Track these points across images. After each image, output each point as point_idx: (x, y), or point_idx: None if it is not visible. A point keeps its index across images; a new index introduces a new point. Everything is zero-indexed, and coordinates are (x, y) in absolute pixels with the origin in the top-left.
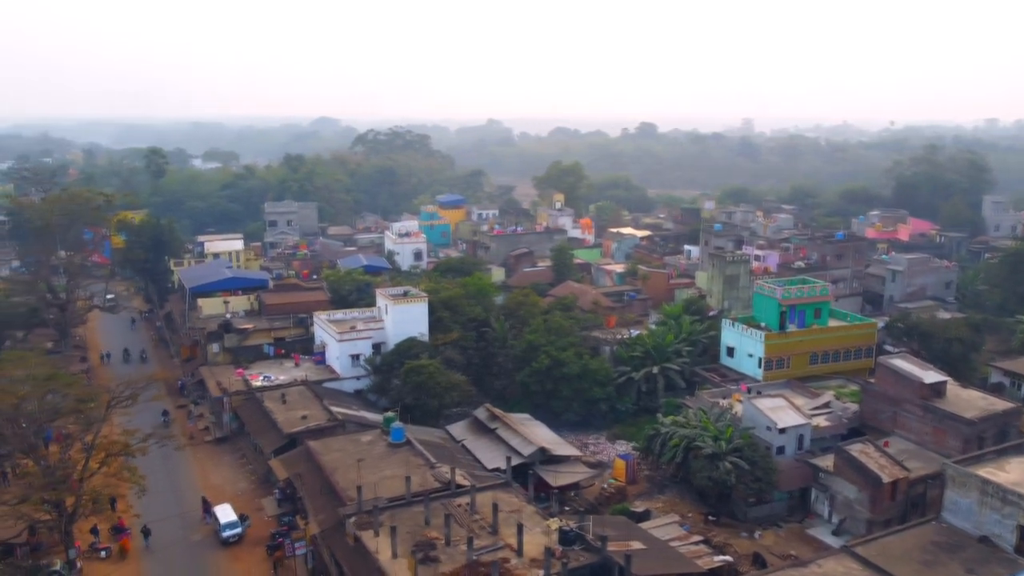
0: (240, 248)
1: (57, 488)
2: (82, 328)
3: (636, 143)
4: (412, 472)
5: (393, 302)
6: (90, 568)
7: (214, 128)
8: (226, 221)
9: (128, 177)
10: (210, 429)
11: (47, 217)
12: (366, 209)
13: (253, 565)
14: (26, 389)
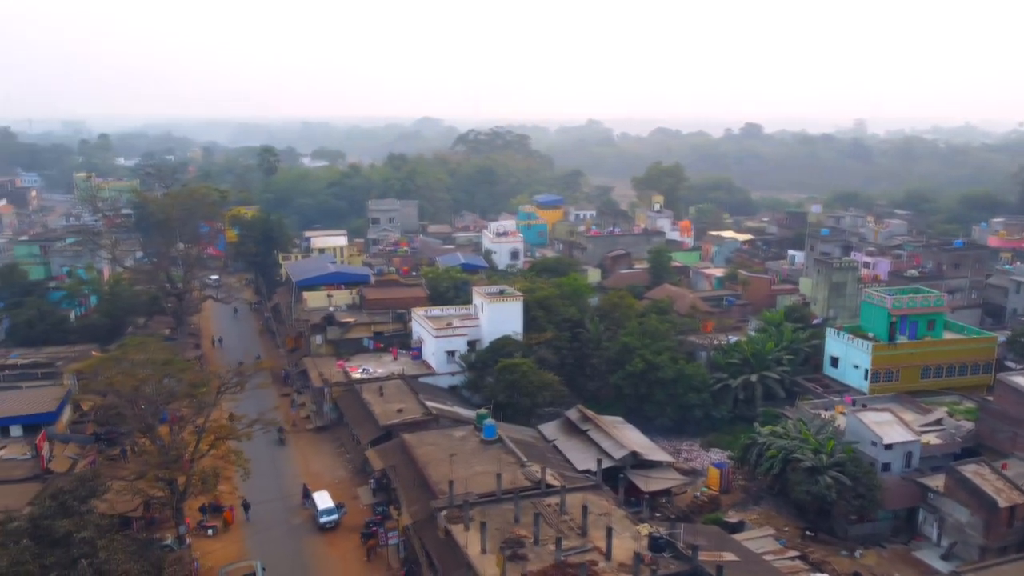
0: (344, 244)
1: (170, 467)
2: (196, 317)
3: (740, 144)
4: (503, 469)
5: (489, 300)
6: (198, 544)
7: (323, 128)
8: (332, 217)
9: (242, 174)
10: (311, 418)
11: (168, 211)
12: (465, 208)
13: (348, 551)
14: (146, 373)
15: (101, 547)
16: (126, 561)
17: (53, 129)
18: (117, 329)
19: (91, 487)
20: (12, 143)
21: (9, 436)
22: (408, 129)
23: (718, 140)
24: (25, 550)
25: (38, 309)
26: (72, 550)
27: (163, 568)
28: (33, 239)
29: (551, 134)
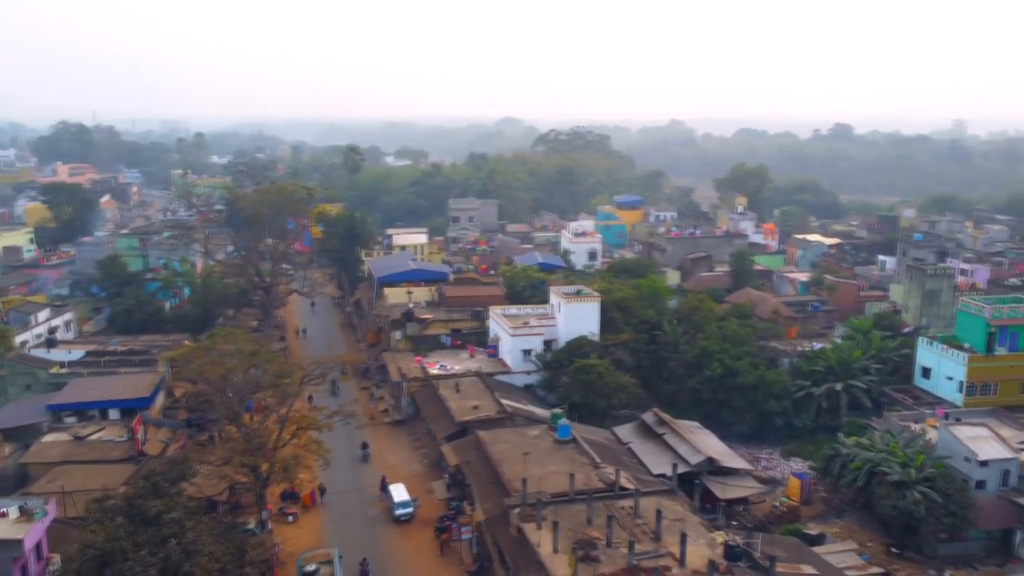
0: (424, 242)
1: (255, 454)
2: (282, 310)
3: (829, 145)
4: (576, 470)
5: (566, 300)
6: (278, 530)
7: (406, 127)
8: (413, 215)
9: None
10: (389, 411)
11: (258, 208)
12: (544, 208)
13: (422, 544)
14: (233, 362)
15: (189, 528)
16: (212, 542)
17: (153, 129)
18: (208, 320)
19: (181, 470)
20: (116, 142)
21: (108, 419)
22: (489, 129)
23: (806, 141)
24: (120, 527)
25: (136, 299)
26: (162, 529)
27: (246, 551)
28: (133, 232)
29: (632, 134)
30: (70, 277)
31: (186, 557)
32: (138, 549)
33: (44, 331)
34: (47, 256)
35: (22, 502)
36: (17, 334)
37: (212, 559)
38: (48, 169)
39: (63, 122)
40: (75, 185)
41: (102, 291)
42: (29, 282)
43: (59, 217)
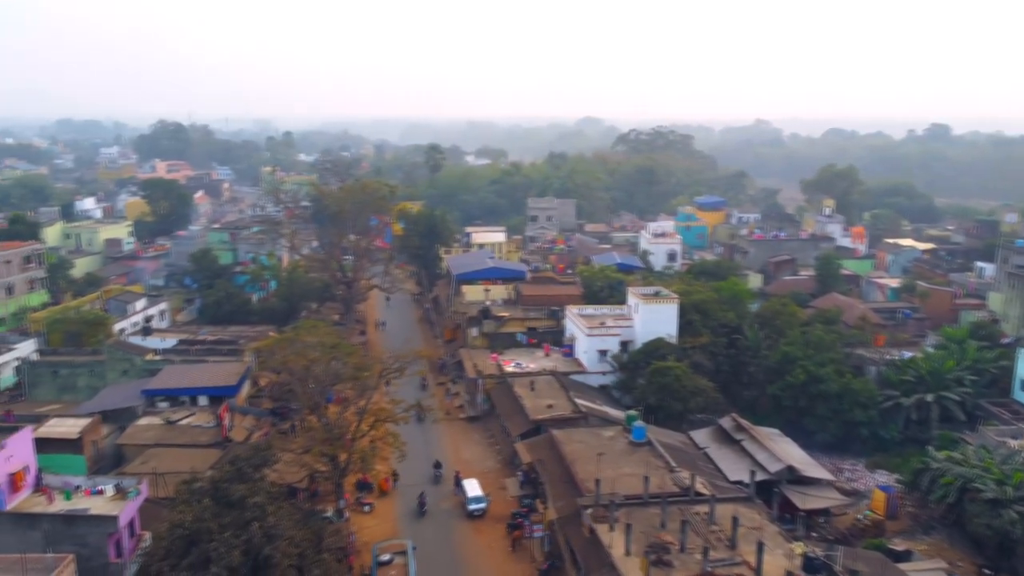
0: (503, 240)
1: (334, 444)
2: (363, 305)
3: (924, 146)
4: (651, 473)
5: (644, 301)
6: (355, 519)
7: (487, 127)
8: (492, 214)
9: (410, 171)
10: (464, 407)
11: (342, 204)
12: (623, 208)
13: (493, 540)
14: (316, 354)
15: (270, 512)
16: (291, 528)
17: (245, 128)
18: (292, 312)
19: (264, 457)
20: (210, 140)
21: (197, 405)
22: (570, 128)
23: (899, 142)
24: (206, 508)
25: (226, 291)
26: (245, 513)
27: (323, 538)
28: (224, 227)
29: (716, 134)
30: (165, 269)
31: (267, 540)
32: (223, 530)
33: (140, 319)
34: (145, 248)
35: (118, 481)
36: (116, 322)
37: (292, 544)
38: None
39: (162, 121)
40: (172, 181)
41: (194, 283)
42: (128, 273)
43: (156, 211)
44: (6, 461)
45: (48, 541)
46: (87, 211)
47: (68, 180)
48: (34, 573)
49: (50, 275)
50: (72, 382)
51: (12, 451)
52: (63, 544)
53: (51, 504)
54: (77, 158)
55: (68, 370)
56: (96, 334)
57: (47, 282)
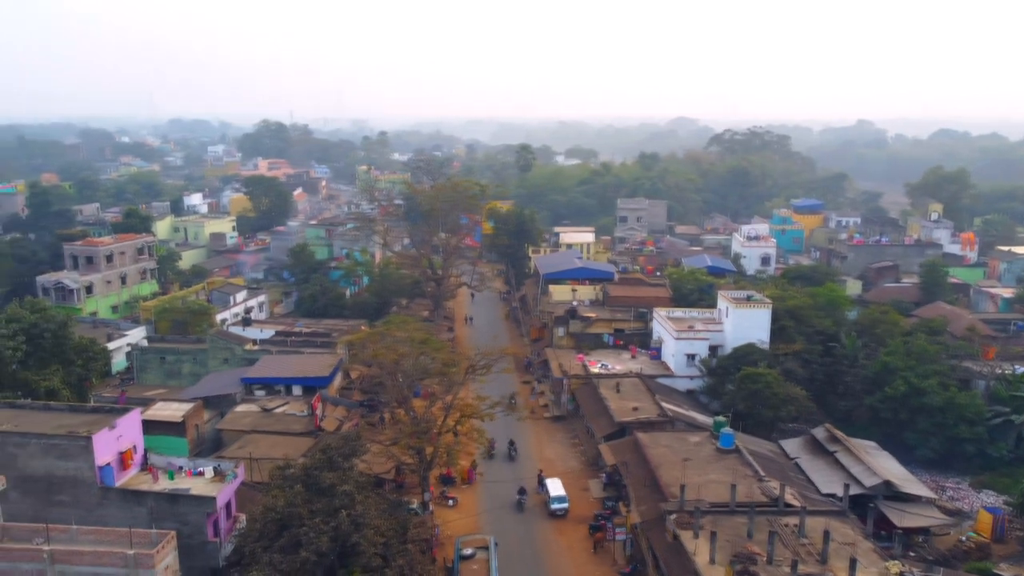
0: (591, 240)
1: (420, 437)
2: (451, 302)
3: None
4: (738, 481)
5: (735, 305)
6: (439, 513)
7: (578, 127)
8: (581, 214)
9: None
10: (549, 407)
11: (433, 203)
12: (715, 210)
13: (575, 541)
14: (405, 349)
15: (358, 501)
16: (378, 517)
17: (342, 127)
18: (383, 308)
19: (353, 447)
20: (309, 139)
21: (291, 394)
22: (662, 129)
23: (1016, 143)
24: (298, 494)
25: (321, 285)
26: (335, 500)
27: (408, 529)
28: (320, 224)
29: (814, 135)
30: (265, 263)
31: (355, 528)
32: (313, 516)
33: (241, 311)
34: (246, 243)
35: (216, 464)
36: (219, 312)
37: (378, 533)
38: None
39: (265, 121)
40: (273, 179)
41: (291, 277)
42: (230, 266)
43: (258, 207)
44: (116, 440)
45: (152, 517)
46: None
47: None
48: (139, 547)
49: (160, 266)
50: (177, 368)
51: (122, 431)
52: (166, 521)
53: (156, 483)
54: (186, 156)
55: (174, 357)
56: (200, 323)
57: (157, 273)
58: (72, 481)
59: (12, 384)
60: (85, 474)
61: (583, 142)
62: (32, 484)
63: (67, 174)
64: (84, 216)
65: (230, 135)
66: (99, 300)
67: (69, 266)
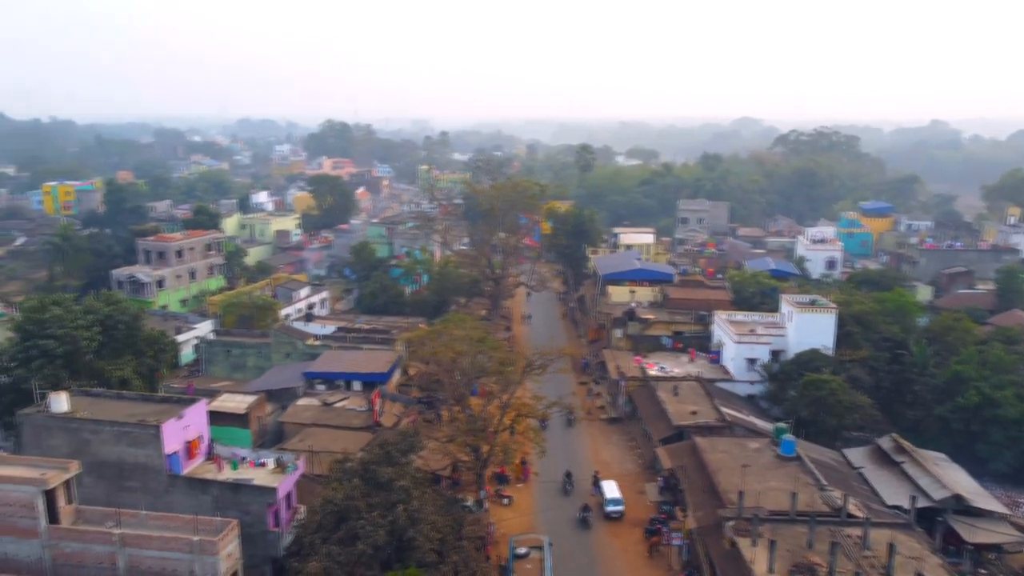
0: (651, 242)
1: (477, 436)
2: (509, 301)
3: None
4: (799, 489)
5: (798, 309)
6: (494, 511)
7: (639, 127)
8: (641, 215)
9: (560, 171)
10: (606, 408)
11: (493, 202)
12: (780, 212)
13: (630, 544)
14: (463, 347)
15: (415, 497)
16: (434, 513)
17: (404, 127)
18: (442, 306)
19: (411, 443)
20: (372, 139)
21: (351, 389)
22: (725, 129)
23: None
24: (356, 488)
25: (381, 283)
26: (392, 495)
27: (463, 526)
28: (382, 222)
29: (885, 135)
30: (328, 260)
31: (411, 523)
32: (370, 510)
33: (304, 306)
34: (310, 240)
35: (278, 456)
36: (282, 307)
37: (434, 528)
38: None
39: (329, 121)
40: (336, 177)
41: (353, 274)
42: (294, 262)
43: (321, 205)
44: (184, 430)
45: (216, 505)
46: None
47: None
48: (204, 534)
49: (227, 262)
50: (242, 361)
51: (189, 421)
52: (229, 510)
53: (220, 472)
54: (254, 155)
55: (239, 350)
56: (265, 318)
57: (224, 268)
58: (142, 468)
59: (88, 373)
60: (154, 461)
61: (644, 142)
62: (105, 469)
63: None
64: (157, 212)
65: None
66: (169, 294)
67: (142, 260)
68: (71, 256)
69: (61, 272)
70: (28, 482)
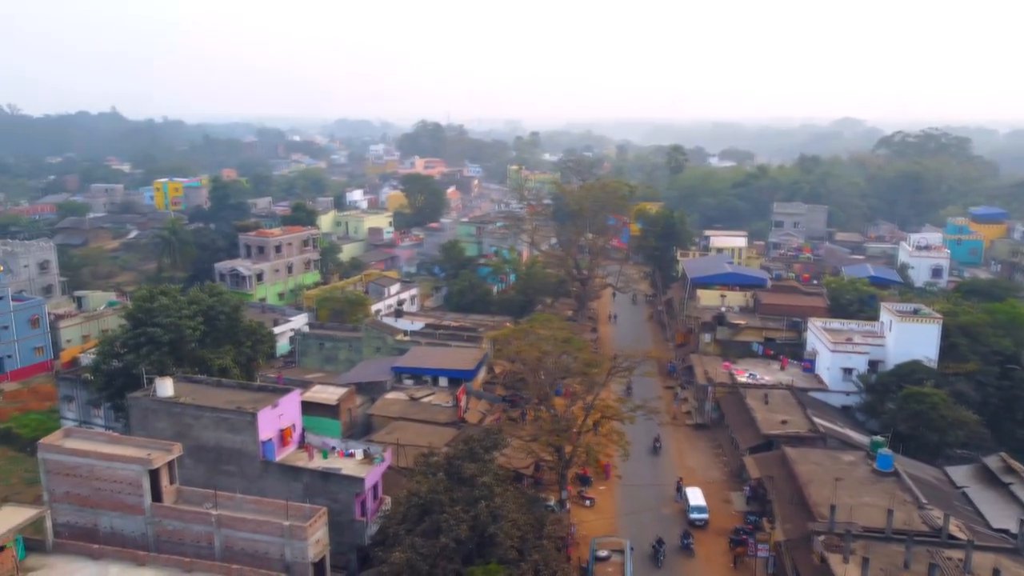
0: (743, 245)
1: (560, 436)
2: (595, 302)
3: None
4: (896, 506)
5: (899, 319)
6: (575, 512)
7: (734, 128)
8: (733, 218)
9: (650, 172)
10: (692, 414)
11: (581, 203)
12: (881, 216)
13: (714, 553)
14: (548, 347)
15: (497, 493)
16: (515, 511)
17: (495, 127)
18: (528, 305)
19: (494, 440)
20: (464, 139)
21: (437, 385)
22: (825, 130)
23: None
24: (440, 482)
25: (469, 281)
26: (475, 491)
27: (544, 525)
28: (471, 221)
29: (999, 137)
30: (418, 257)
31: (492, 520)
32: (453, 504)
33: (394, 302)
34: (401, 238)
35: (366, 447)
36: (374, 303)
37: (515, 526)
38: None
39: (423, 121)
40: (428, 177)
41: (442, 272)
42: (386, 259)
43: (413, 204)
44: (278, 418)
45: (306, 492)
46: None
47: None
48: (294, 519)
49: (322, 258)
50: (334, 354)
51: (283, 410)
52: (318, 497)
53: (311, 460)
54: (350, 154)
55: (332, 343)
56: (356, 313)
57: (319, 263)
58: (238, 453)
59: (191, 360)
60: (249, 447)
61: (739, 143)
62: (204, 453)
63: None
64: (258, 209)
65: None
66: (268, 287)
67: (243, 255)
68: (178, 249)
69: (169, 264)
70: (135, 461)
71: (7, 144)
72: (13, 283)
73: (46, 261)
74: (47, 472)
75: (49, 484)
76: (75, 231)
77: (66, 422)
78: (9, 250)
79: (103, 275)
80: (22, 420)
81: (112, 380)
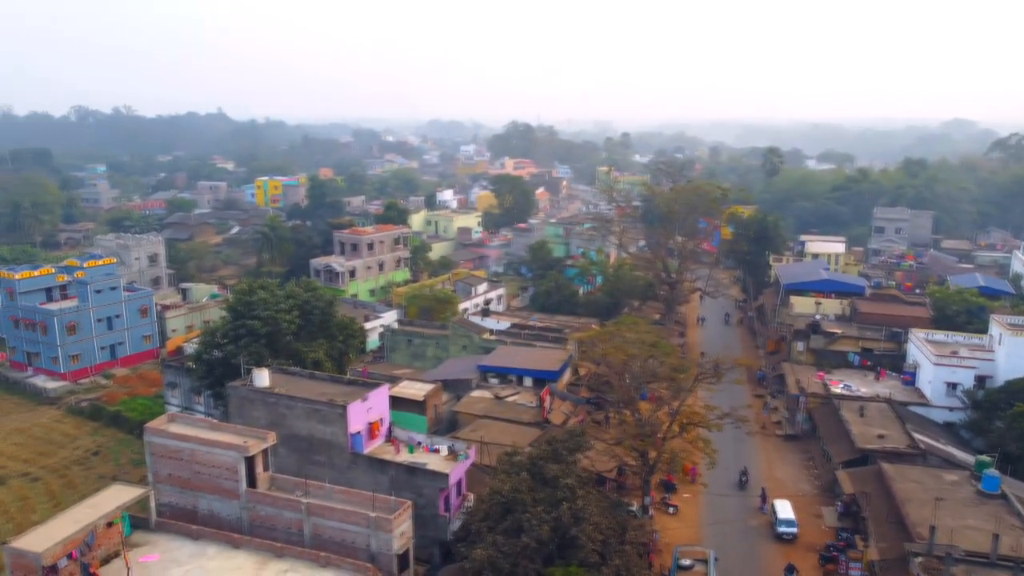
0: (841, 251)
1: (644, 440)
2: (684, 306)
3: None
4: (1002, 531)
5: (1012, 332)
6: (659, 519)
7: (833, 129)
8: (830, 223)
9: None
10: (782, 424)
11: (672, 205)
12: (993, 224)
13: (803, 570)
14: (635, 350)
15: (579, 496)
16: (597, 514)
17: (586, 128)
18: (615, 308)
19: (578, 442)
20: (554, 140)
21: (522, 385)
22: (932, 132)
23: None
24: (523, 482)
25: (555, 282)
26: (557, 492)
27: (627, 530)
28: (560, 222)
29: None
30: (506, 257)
31: (574, 521)
32: (536, 504)
33: (481, 302)
34: (490, 237)
35: (451, 443)
36: (461, 302)
37: (597, 529)
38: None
39: (514, 122)
40: (517, 177)
41: (529, 272)
42: (474, 259)
43: (502, 204)
44: (367, 412)
45: (393, 485)
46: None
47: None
48: (380, 511)
49: (412, 256)
50: (422, 351)
51: (372, 403)
52: (404, 491)
53: (397, 454)
54: (441, 154)
55: (420, 340)
56: (444, 311)
57: (409, 262)
58: (328, 444)
59: (286, 353)
60: (339, 439)
61: (838, 145)
62: (296, 442)
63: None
64: (352, 207)
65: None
66: (360, 284)
67: (337, 252)
68: (276, 245)
69: (268, 259)
70: (233, 448)
71: (122, 143)
72: (125, 274)
73: (155, 254)
74: (152, 454)
75: (154, 466)
76: (182, 226)
77: (170, 407)
78: (122, 243)
79: (207, 268)
80: (130, 404)
81: (212, 369)
